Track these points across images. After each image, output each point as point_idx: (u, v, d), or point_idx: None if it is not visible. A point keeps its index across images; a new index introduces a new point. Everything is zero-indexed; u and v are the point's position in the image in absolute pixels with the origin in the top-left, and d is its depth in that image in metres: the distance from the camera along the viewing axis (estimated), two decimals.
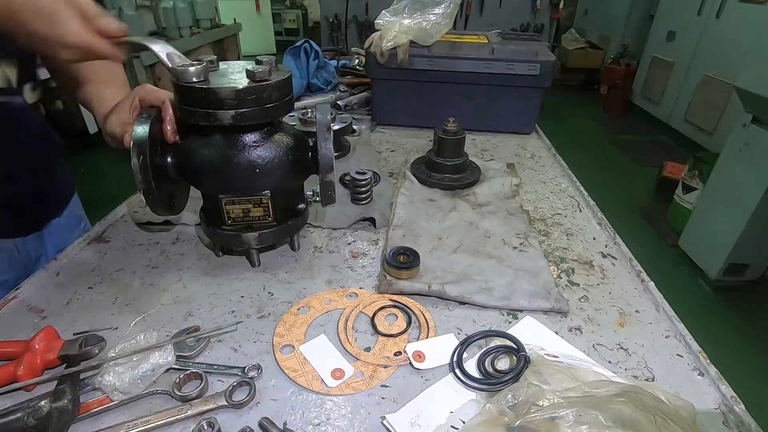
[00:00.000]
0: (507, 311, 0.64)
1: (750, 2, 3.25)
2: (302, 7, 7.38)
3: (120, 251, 0.75)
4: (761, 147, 1.98)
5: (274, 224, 0.67)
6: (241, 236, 0.66)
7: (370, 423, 0.48)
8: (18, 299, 0.64)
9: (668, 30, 4.24)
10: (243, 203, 0.64)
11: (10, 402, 0.48)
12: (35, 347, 0.51)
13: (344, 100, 1.42)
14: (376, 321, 0.61)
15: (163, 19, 3.38)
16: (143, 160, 0.56)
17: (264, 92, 0.56)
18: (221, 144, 0.61)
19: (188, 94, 0.56)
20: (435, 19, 1.17)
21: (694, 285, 2.35)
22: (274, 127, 0.64)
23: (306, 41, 1.46)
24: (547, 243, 0.81)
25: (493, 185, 0.96)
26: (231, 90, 0.54)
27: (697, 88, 3.75)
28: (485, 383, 0.52)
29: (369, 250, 0.77)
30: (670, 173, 3.07)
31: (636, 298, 0.68)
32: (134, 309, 0.63)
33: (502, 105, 1.26)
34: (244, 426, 0.46)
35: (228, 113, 0.55)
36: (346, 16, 3.92)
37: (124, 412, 0.49)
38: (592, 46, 5.59)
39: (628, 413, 0.40)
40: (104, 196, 2.98)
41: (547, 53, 1.21)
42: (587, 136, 4.46)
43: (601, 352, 0.58)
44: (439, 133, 0.95)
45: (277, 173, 0.62)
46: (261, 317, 0.62)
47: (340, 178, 0.95)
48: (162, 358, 0.50)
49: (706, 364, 0.56)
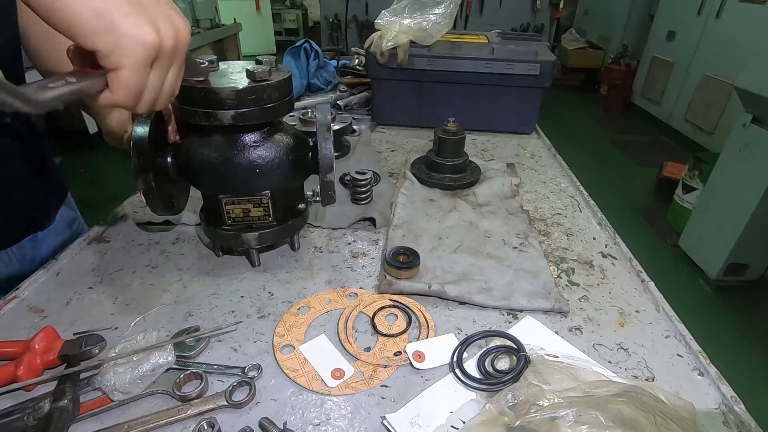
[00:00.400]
0: (507, 311, 0.64)
1: (750, 2, 3.25)
2: (302, 7, 7.39)
3: (120, 251, 0.75)
4: (761, 147, 1.98)
5: (274, 224, 0.67)
6: (241, 236, 0.66)
7: (370, 423, 0.48)
8: (18, 299, 0.64)
9: (668, 30, 4.24)
10: (243, 203, 0.64)
11: (10, 402, 0.48)
12: (35, 347, 0.51)
13: (344, 100, 1.42)
14: (376, 321, 0.61)
15: None
16: (143, 160, 0.56)
17: (264, 92, 0.56)
18: (221, 144, 0.61)
19: (188, 95, 0.56)
20: (435, 19, 1.17)
21: (694, 285, 2.35)
22: (275, 127, 0.64)
23: (306, 41, 1.46)
24: (547, 243, 0.81)
25: (493, 185, 0.96)
26: (231, 90, 0.54)
27: (697, 88, 3.75)
28: (485, 383, 0.52)
29: (369, 250, 0.77)
30: (670, 173, 3.08)
31: (636, 298, 0.68)
32: (134, 309, 0.63)
33: (502, 105, 1.26)
34: (244, 426, 0.46)
35: (228, 113, 0.55)
36: (346, 16, 3.92)
37: (124, 412, 0.48)
38: (592, 46, 5.60)
39: (628, 413, 0.40)
40: (104, 196, 2.99)
41: (547, 53, 1.21)
42: (587, 136, 4.46)
43: (601, 352, 0.58)
44: (439, 133, 0.95)
45: (277, 173, 0.62)
46: (261, 317, 0.62)
47: (340, 178, 0.95)
48: (162, 358, 0.50)
49: (706, 364, 0.56)
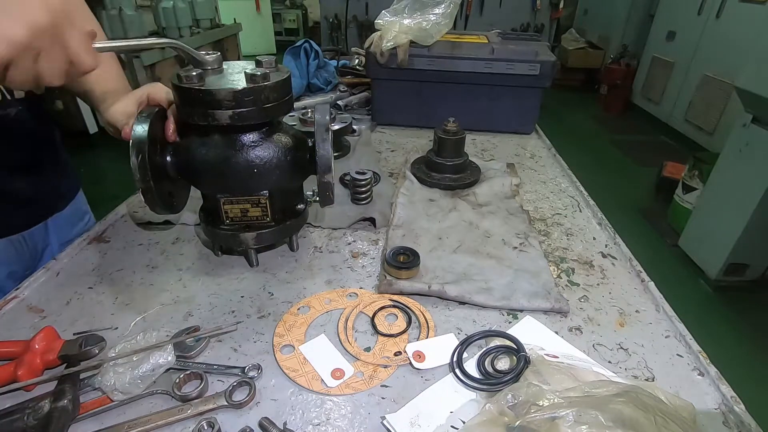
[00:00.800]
0: (507, 311, 0.64)
1: (750, 2, 3.25)
2: (302, 7, 7.38)
3: (120, 251, 0.75)
4: (761, 147, 1.98)
5: (272, 224, 0.67)
6: (239, 236, 0.66)
7: (370, 423, 0.48)
8: (18, 299, 0.64)
9: (668, 30, 4.24)
10: (241, 203, 0.64)
11: (10, 402, 0.48)
12: (35, 347, 0.51)
13: (344, 100, 1.42)
14: (376, 321, 0.61)
15: (163, 19, 3.39)
16: (142, 159, 0.56)
17: (261, 93, 0.56)
18: (220, 143, 0.61)
19: (187, 95, 0.56)
20: (435, 19, 1.17)
21: (694, 285, 2.35)
22: (273, 127, 0.64)
23: (306, 41, 1.46)
24: (547, 243, 0.81)
25: (493, 185, 0.96)
26: (228, 91, 0.54)
27: (697, 88, 3.75)
28: (485, 383, 0.52)
29: (369, 250, 0.77)
30: (670, 173, 3.07)
31: (636, 298, 0.68)
32: (134, 309, 0.63)
33: (502, 105, 1.26)
34: (244, 426, 0.46)
35: (226, 113, 0.55)
36: (346, 16, 3.92)
37: (124, 412, 0.49)
38: (592, 46, 5.59)
39: (628, 413, 0.40)
40: (104, 196, 2.98)
41: (547, 53, 1.21)
42: (587, 136, 4.46)
43: (601, 352, 0.58)
44: (439, 133, 0.95)
45: (275, 174, 0.62)
46: (261, 317, 0.62)
47: (340, 178, 0.95)
48: (162, 358, 0.50)
49: (706, 364, 0.56)
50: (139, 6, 3.26)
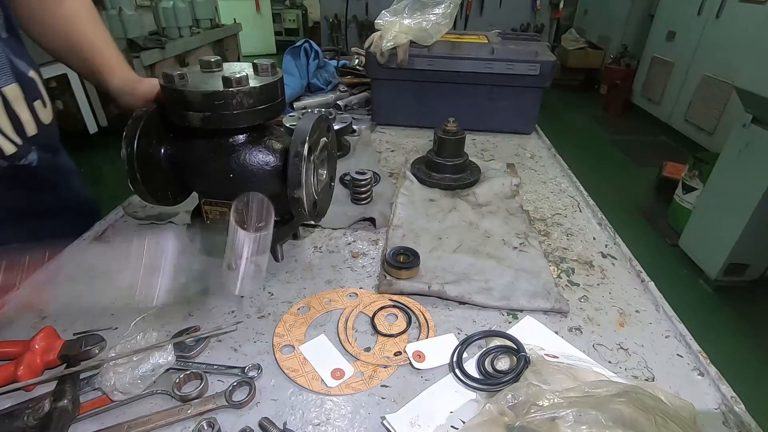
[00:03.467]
0: (507, 311, 0.64)
1: (750, 2, 3.25)
2: (302, 7, 7.38)
3: (120, 251, 0.75)
4: (761, 147, 1.98)
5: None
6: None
7: (370, 423, 0.48)
8: (18, 299, 0.64)
9: (668, 30, 4.24)
10: (220, 206, 0.64)
11: (10, 402, 0.48)
12: (35, 347, 0.51)
13: (344, 100, 1.42)
14: (376, 321, 0.61)
15: (163, 19, 3.39)
16: (131, 150, 0.57)
17: (234, 98, 0.55)
18: (201, 145, 0.61)
19: (166, 94, 0.56)
20: (435, 19, 1.17)
21: (694, 285, 2.35)
22: (259, 132, 0.62)
23: (306, 41, 1.46)
24: (547, 243, 0.81)
25: (493, 185, 0.96)
26: (198, 93, 0.54)
27: (697, 88, 3.75)
28: (485, 383, 0.52)
29: (369, 250, 0.77)
30: (670, 173, 3.07)
31: (636, 298, 0.68)
32: (134, 309, 0.62)
33: (502, 105, 1.26)
34: (244, 426, 0.46)
35: (197, 115, 0.55)
36: (346, 16, 3.92)
37: (124, 412, 0.49)
38: (592, 46, 5.59)
39: (628, 413, 0.40)
40: (104, 196, 2.98)
41: (547, 53, 1.21)
42: (587, 136, 4.46)
43: (601, 352, 0.58)
44: (439, 133, 0.95)
45: (251, 180, 0.61)
46: (261, 317, 0.62)
47: (340, 178, 0.95)
48: (162, 358, 0.50)
49: (706, 364, 0.56)
50: (139, 6, 3.26)
